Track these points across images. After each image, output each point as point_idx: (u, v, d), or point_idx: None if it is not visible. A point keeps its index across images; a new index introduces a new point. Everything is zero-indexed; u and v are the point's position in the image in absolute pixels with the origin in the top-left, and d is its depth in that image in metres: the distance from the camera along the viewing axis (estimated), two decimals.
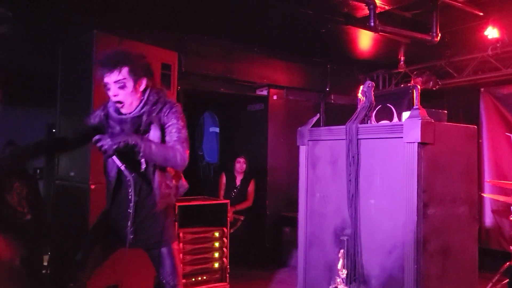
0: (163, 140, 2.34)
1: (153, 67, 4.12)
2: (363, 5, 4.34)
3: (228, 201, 4.85)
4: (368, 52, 5.98)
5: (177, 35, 5.08)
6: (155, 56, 4.22)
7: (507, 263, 4.27)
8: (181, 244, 4.39)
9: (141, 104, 2.35)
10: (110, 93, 2.31)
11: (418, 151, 2.06)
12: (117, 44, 3.83)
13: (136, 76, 2.31)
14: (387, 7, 4.45)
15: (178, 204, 4.39)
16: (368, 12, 4.37)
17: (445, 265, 2.17)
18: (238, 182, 5.95)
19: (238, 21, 4.89)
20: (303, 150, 2.75)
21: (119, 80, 2.27)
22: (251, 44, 5.71)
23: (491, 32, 4.75)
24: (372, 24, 4.29)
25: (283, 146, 6.08)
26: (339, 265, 2.38)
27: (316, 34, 5.25)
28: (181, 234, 4.39)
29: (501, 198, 4.61)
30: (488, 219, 5.57)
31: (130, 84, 2.29)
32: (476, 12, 4.58)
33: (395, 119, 2.66)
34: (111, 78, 2.28)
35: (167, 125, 2.35)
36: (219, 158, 7.16)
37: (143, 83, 2.35)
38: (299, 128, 2.79)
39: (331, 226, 2.53)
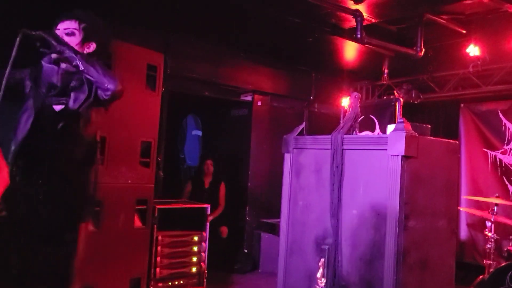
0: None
1: (138, 68, 4.15)
2: (350, 17, 4.41)
3: (209, 205, 4.83)
4: (353, 63, 6.05)
5: (163, 37, 5.04)
6: (141, 57, 4.19)
7: (480, 277, 4.36)
8: (159, 248, 4.34)
9: None
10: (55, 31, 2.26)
11: (401, 164, 2.09)
12: None
13: (87, 35, 2.28)
14: (373, 20, 4.53)
15: (157, 206, 4.35)
16: (355, 24, 4.44)
17: (423, 277, 2.21)
18: (207, 185, 5.92)
19: (226, 25, 4.90)
20: (287, 158, 2.76)
21: (69, 27, 2.24)
22: (238, 49, 5.71)
23: (473, 50, 4.88)
24: (358, 35, 4.36)
25: (265, 152, 6.09)
26: (319, 274, 2.39)
27: (303, 43, 5.29)
28: (159, 237, 4.35)
29: (477, 212, 4.71)
30: (463, 232, 5.68)
31: (77, 37, 2.25)
32: (459, 29, 4.71)
33: (377, 130, 2.69)
34: (63, 25, 2.26)
35: None
36: (200, 161, 7.12)
37: (91, 47, 2.30)
38: (284, 136, 2.81)
39: (312, 234, 2.54)
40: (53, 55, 2.20)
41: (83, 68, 2.12)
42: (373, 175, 2.25)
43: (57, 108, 2.25)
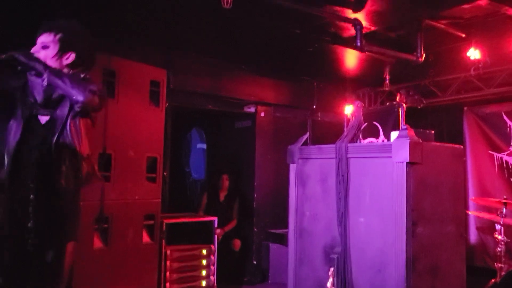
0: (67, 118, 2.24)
1: (142, 84, 4.20)
2: (349, 25, 4.44)
3: (215, 218, 4.84)
4: (354, 71, 6.08)
5: (165, 52, 5.10)
6: (144, 73, 4.25)
7: (492, 280, 4.32)
8: (168, 262, 4.35)
9: None
10: (32, 49, 2.25)
11: (406, 171, 2.10)
12: (107, 62, 3.85)
13: (63, 46, 2.26)
14: (373, 28, 4.56)
15: (165, 221, 4.36)
16: (354, 32, 4.47)
17: (434, 284, 2.20)
18: (222, 198, 5.96)
19: (227, 39, 4.94)
20: (293, 168, 2.78)
21: (44, 41, 2.25)
22: (239, 61, 5.76)
23: (473, 53, 4.89)
24: (358, 44, 4.39)
25: (270, 163, 6.10)
26: (329, 283, 2.39)
27: (303, 53, 5.33)
28: (168, 252, 4.35)
29: (486, 215, 4.69)
30: (473, 236, 5.64)
31: (54, 49, 2.25)
32: (459, 33, 4.72)
33: (381, 136, 2.70)
34: (40, 39, 2.26)
35: None
36: (206, 174, 7.14)
37: (70, 57, 2.28)
38: (289, 146, 2.82)
39: (321, 244, 2.54)
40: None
41: (47, 83, 2.11)
42: (378, 182, 2.26)
43: (43, 119, 2.25)
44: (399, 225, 2.10)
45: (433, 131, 2.43)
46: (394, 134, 2.36)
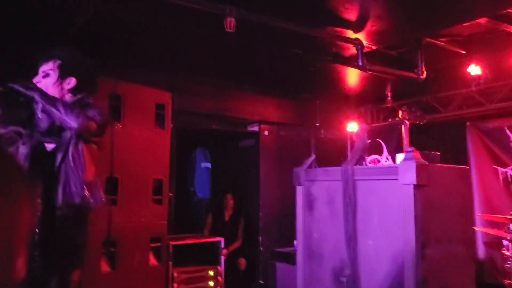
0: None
1: (147, 107, 4.25)
2: (351, 45, 4.50)
3: (222, 238, 4.83)
4: (356, 88, 6.13)
5: (169, 74, 5.17)
6: (149, 97, 4.31)
7: None
8: (175, 285, 4.33)
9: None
10: (33, 79, 2.29)
11: (414, 193, 2.11)
12: (113, 86, 3.91)
13: (63, 72, 2.29)
14: (373, 47, 4.61)
15: (171, 243, 4.36)
16: (355, 51, 4.52)
17: None
18: (227, 217, 5.97)
19: (229, 60, 5.01)
20: (299, 190, 2.79)
21: (45, 70, 2.29)
22: (242, 81, 5.82)
23: (474, 69, 4.94)
24: (360, 63, 4.43)
25: (275, 181, 6.11)
26: None
27: (305, 72, 5.39)
28: (175, 274, 4.34)
29: (493, 231, 4.67)
30: (481, 252, 5.61)
31: (54, 76, 2.28)
32: (459, 50, 4.78)
33: (385, 153, 2.72)
34: (41, 68, 2.30)
35: None
36: (211, 194, 7.15)
37: (72, 82, 2.30)
38: (295, 169, 2.84)
39: (329, 266, 2.54)
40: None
41: (43, 111, 2.14)
42: (386, 204, 2.27)
43: (49, 146, 2.26)
44: (408, 248, 2.10)
45: (438, 153, 2.45)
46: (399, 157, 2.38)
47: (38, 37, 3.80)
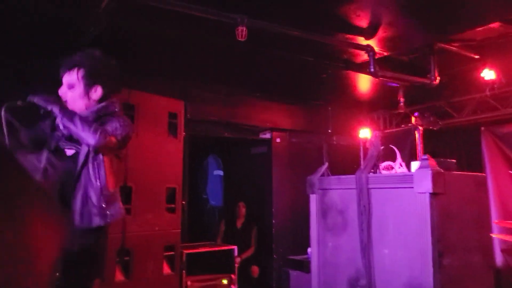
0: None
1: (160, 116, 4.28)
2: (362, 51, 4.48)
3: (235, 247, 4.82)
4: (368, 94, 6.11)
5: (182, 83, 5.20)
6: (162, 106, 4.34)
7: None
8: None
9: (87, 111, 2.23)
10: (59, 91, 2.24)
11: (430, 201, 2.09)
12: (127, 96, 3.95)
13: (89, 81, 2.22)
14: (385, 53, 4.59)
15: (185, 251, 4.36)
16: (367, 58, 4.51)
17: None
18: (239, 225, 5.97)
19: (241, 67, 5.03)
20: (313, 199, 2.78)
21: (69, 80, 2.22)
22: (253, 89, 5.84)
23: (488, 74, 4.89)
24: (372, 70, 4.42)
25: (288, 188, 6.10)
26: None
27: (317, 79, 5.38)
28: (189, 283, 4.34)
29: (510, 238, 4.59)
30: (498, 258, 5.51)
31: (79, 87, 2.22)
32: (472, 55, 4.73)
33: (399, 159, 2.70)
34: (65, 78, 2.24)
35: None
36: (223, 201, 7.16)
37: (98, 91, 2.24)
38: (308, 177, 2.83)
39: (345, 276, 2.52)
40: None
41: (62, 127, 2.10)
42: (401, 213, 2.25)
43: (69, 152, 2.23)
44: (425, 257, 2.08)
45: (454, 161, 2.42)
46: (414, 164, 2.36)
47: (53, 48, 3.85)
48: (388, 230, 2.30)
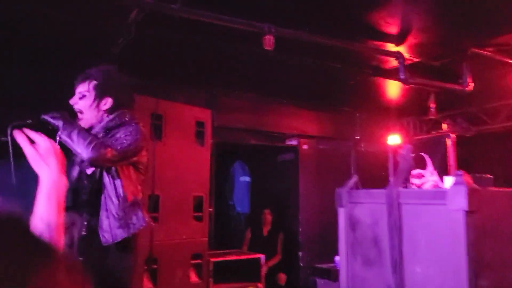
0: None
1: (188, 125, 4.31)
2: (391, 58, 4.39)
3: (263, 255, 4.80)
4: (397, 100, 5.98)
5: (208, 91, 5.23)
6: (189, 115, 4.36)
7: None
8: None
9: (98, 125, 2.30)
10: (70, 100, 2.32)
11: (465, 219, 2.01)
12: (154, 106, 3.99)
13: (99, 92, 2.29)
14: (416, 59, 4.49)
15: (212, 260, 4.37)
16: (396, 64, 4.41)
17: None
18: (265, 233, 5.94)
19: (267, 75, 5.02)
20: (341, 212, 2.73)
21: (81, 91, 2.30)
22: (280, 96, 5.81)
23: None
24: (402, 76, 4.32)
25: (315, 196, 6.03)
26: None
27: (345, 86, 5.31)
28: None
29: None
30: None
31: (90, 97, 2.29)
32: (506, 60, 4.57)
33: (429, 167, 2.62)
34: (78, 89, 2.32)
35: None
36: (250, 208, 7.14)
37: (108, 102, 2.30)
38: (337, 189, 2.78)
39: None
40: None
41: (63, 141, 2.10)
42: (434, 230, 2.18)
43: (89, 171, 2.29)
44: (460, 277, 2.00)
45: (491, 176, 2.33)
46: (448, 180, 2.28)
47: (82, 59, 3.94)
48: (420, 247, 2.23)
